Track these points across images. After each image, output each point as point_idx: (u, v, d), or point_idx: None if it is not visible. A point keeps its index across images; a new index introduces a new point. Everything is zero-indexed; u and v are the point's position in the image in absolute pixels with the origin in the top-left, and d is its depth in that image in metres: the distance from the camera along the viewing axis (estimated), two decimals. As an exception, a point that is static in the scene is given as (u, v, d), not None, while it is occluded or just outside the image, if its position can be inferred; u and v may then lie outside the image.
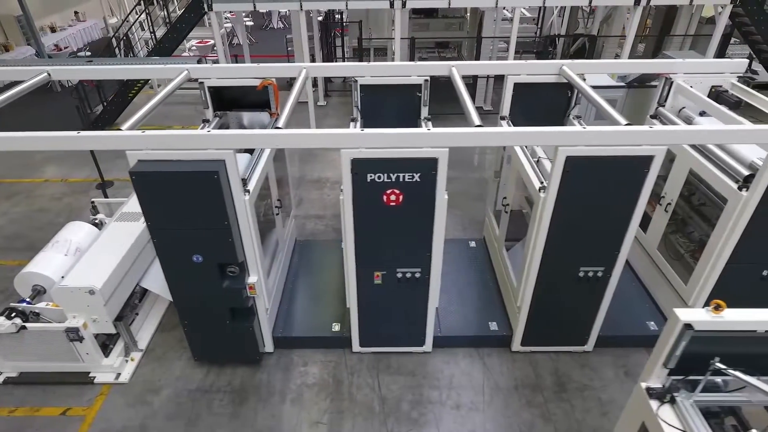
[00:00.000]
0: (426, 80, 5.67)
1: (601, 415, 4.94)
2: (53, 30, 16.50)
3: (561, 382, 5.28)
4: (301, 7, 9.06)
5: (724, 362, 2.55)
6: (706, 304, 5.05)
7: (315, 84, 11.84)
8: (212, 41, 14.68)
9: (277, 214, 5.72)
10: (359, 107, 5.88)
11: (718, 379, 2.73)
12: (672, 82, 5.72)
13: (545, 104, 5.95)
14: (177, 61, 5.72)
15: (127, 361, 5.49)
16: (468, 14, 12.66)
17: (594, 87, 7.49)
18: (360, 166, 4.17)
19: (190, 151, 4.05)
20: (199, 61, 5.89)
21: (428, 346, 5.54)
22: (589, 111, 7.52)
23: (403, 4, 9.05)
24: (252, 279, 4.84)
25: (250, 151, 5.32)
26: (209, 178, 4.04)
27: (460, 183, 9.04)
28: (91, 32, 17.02)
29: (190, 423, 4.89)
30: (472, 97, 9.30)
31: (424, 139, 4.01)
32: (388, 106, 5.90)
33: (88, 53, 14.48)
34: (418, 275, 4.90)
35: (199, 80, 5.64)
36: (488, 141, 4.10)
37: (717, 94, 5.69)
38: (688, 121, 5.72)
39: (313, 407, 5.04)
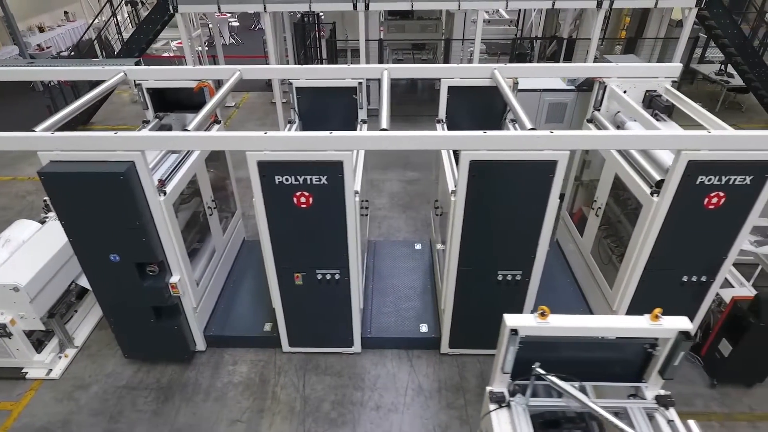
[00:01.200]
0: (360, 83, 5.72)
1: (519, 419, 4.94)
2: (41, 30, 16.71)
3: (485, 385, 5.27)
4: (264, 8, 9.13)
5: (553, 367, 2.57)
6: (629, 309, 5.12)
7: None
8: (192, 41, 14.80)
9: (211, 215, 5.79)
10: (296, 109, 5.95)
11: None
12: (606, 87, 5.71)
13: (483, 107, 5.98)
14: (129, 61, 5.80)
15: (60, 357, 5.58)
16: (443, 16, 12.66)
17: (546, 90, 7.58)
18: (267, 169, 4.22)
19: (101, 152, 4.13)
20: (137, 63, 5.99)
21: (357, 347, 5.58)
22: (541, 114, 7.51)
23: (366, 6, 9.08)
24: (174, 278, 4.91)
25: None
26: (115, 179, 4.11)
27: (420, 185, 9.06)
28: (79, 32, 17.21)
29: (112, 419, 4.97)
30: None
31: (329, 143, 4.05)
32: (328, 108, 5.96)
33: (72, 54, 14.64)
34: (337, 276, 4.95)
35: (136, 82, 5.73)
36: (390, 145, 4.12)
37: (650, 99, 5.68)
38: (621, 125, 5.71)
39: (235, 406, 5.10)
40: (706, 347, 5.32)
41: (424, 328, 5.69)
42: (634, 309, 5.11)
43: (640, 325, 2.49)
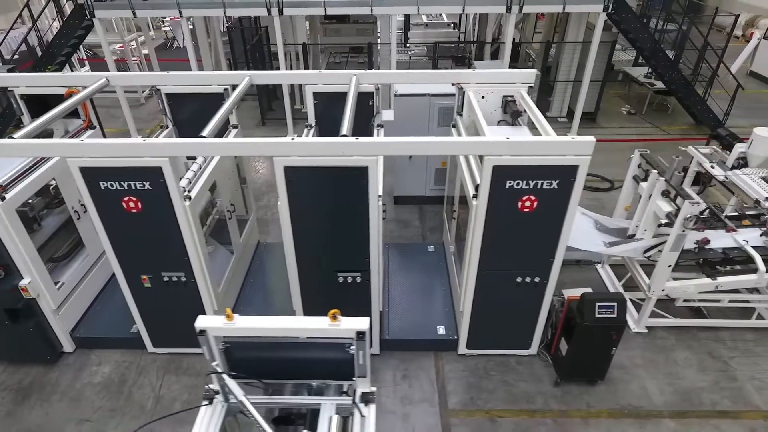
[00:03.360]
0: (225, 89, 5.84)
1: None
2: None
3: (338, 384, 5.42)
4: (180, 14, 9.25)
5: (272, 366, 2.70)
6: (473, 309, 5.26)
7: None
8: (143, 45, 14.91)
9: (79, 218, 5.89)
10: (168, 115, 6.07)
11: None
12: (464, 92, 5.85)
13: (358, 113, 6.08)
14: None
15: (-72, 359, 5.68)
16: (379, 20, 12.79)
17: (435, 95, 7.71)
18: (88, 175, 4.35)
19: None
20: (10, 70, 6.09)
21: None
22: (432, 118, 7.64)
23: (280, 12, 9.20)
24: (24, 281, 5.03)
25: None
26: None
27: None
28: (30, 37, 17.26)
29: (-37, 420, 5.08)
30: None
31: (144, 149, 4.19)
32: (202, 113, 6.06)
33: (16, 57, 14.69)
34: (183, 279, 5.07)
35: (9, 88, 5.84)
36: (204, 151, 4.26)
37: (505, 104, 5.82)
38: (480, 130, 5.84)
39: (88, 406, 5.21)
40: (553, 347, 5.46)
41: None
42: (477, 309, 5.26)
43: (321, 325, 2.62)
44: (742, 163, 6.86)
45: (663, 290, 5.64)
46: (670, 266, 5.46)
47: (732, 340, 5.92)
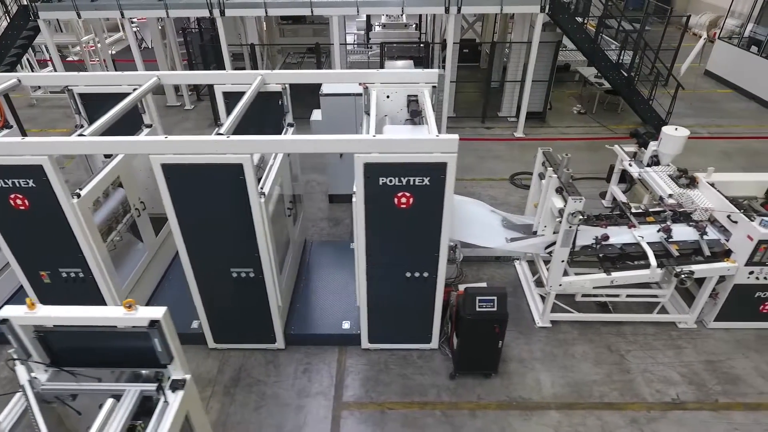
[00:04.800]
0: (135, 89, 5.93)
1: (254, 410, 5.19)
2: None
3: (239, 378, 5.53)
4: (122, 14, 9.35)
5: (90, 354, 2.81)
6: (368, 305, 5.36)
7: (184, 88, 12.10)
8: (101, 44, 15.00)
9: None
10: (83, 114, 6.17)
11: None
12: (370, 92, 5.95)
13: (266, 112, 6.20)
14: None
15: None
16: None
17: (359, 95, 7.80)
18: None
19: None
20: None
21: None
22: (358, 117, 7.74)
23: (222, 13, 9.32)
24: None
25: None
26: None
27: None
28: None
29: None
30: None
31: (23, 147, 4.30)
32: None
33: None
34: (81, 275, 5.18)
35: None
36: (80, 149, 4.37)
37: (408, 103, 5.93)
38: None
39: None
40: (451, 341, 5.58)
41: (195, 324, 5.89)
42: (373, 304, 5.37)
43: (116, 314, 2.73)
44: (656, 160, 7.01)
45: (560, 285, 5.76)
46: (563, 261, 5.58)
47: (633, 334, 6.04)
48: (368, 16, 14.87)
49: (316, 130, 7.81)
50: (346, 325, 5.88)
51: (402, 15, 14.84)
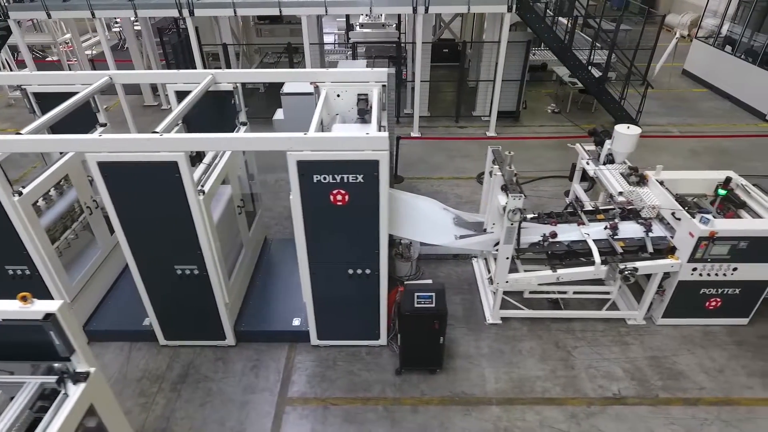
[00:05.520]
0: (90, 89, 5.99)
1: (199, 406, 5.24)
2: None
3: (187, 374, 5.58)
4: (93, 15, 9.40)
5: None
6: (314, 303, 5.40)
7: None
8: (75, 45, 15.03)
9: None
10: (36, 113, 6.21)
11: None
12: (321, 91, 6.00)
13: (221, 110, 6.26)
14: None
15: None
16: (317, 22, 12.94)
17: (306, 93, 7.85)
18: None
19: None
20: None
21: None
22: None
23: (191, 13, 9.37)
24: None
25: None
26: None
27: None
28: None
29: None
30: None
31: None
32: (74, 113, 6.22)
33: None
34: (27, 272, 5.22)
35: None
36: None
37: (358, 101, 5.98)
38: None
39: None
40: (398, 337, 5.63)
41: (146, 322, 5.93)
42: (318, 301, 5.42)
43: (11, 308, 2.77)
44: (611, 159, 7.07)
45: (507, 282, 5.82)
46: (508, 258, 5.64)
47: (582, 330, 6.10)
48: (347, 16, 14.93)
49: (279, 129, 7.87)
50: (296, 321, 5.93)
51: (381, 15, 14.91)
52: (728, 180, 5.92)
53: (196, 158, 6.26)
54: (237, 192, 5.97)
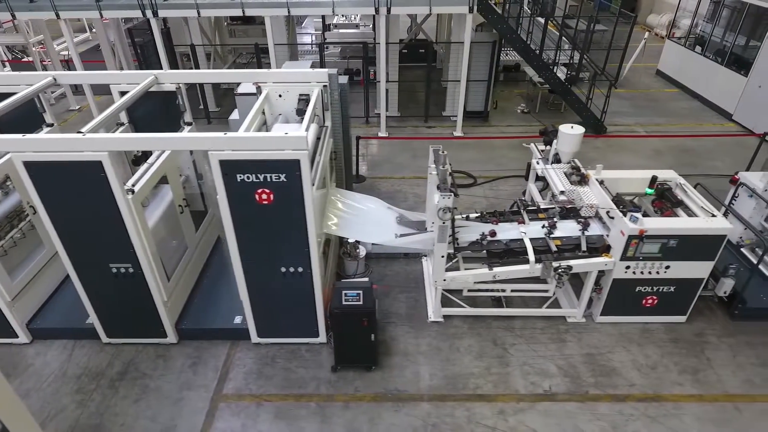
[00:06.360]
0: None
1: (134, 402, 5.30)
2: None
3: (126, 371, 5.64)
4: (57, 16, 9.47)
5: None
6: (252, 302, 5.43)
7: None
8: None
9: None
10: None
11: None
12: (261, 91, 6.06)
13: (166, 110, 6.33)
14: None
15: None
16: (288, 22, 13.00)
17: (252, 94, 7.87)
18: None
19: None
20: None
21: (23, 337, 5.92)
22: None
23: (155, 14, 9.44)
24: None
25: None
26: None
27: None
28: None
29: None
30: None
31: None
32: (21, 113, 6.28)
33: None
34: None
35: None
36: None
37: (298, 101, 6.04)
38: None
39: None
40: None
41: (89, 320, 5.98)
42: (255, 298, 5.49)
43: None
44: (558, 158, 7.14)
45: (444, 280, 5.88)
46: (443, 257, 5.70)
47: (522, 328, 6.17)
48: (323, 17, 14.98)
49: (234, 128, 7.92)
50: (237, 319, 5.99)
51: (356, 16, 14.97)
52: (654, 179, 5.98)
53: (141, 158, 6.38)
54: (178, 191, 6.02)
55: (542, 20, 11.59)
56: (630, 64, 12.48)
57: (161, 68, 11.37)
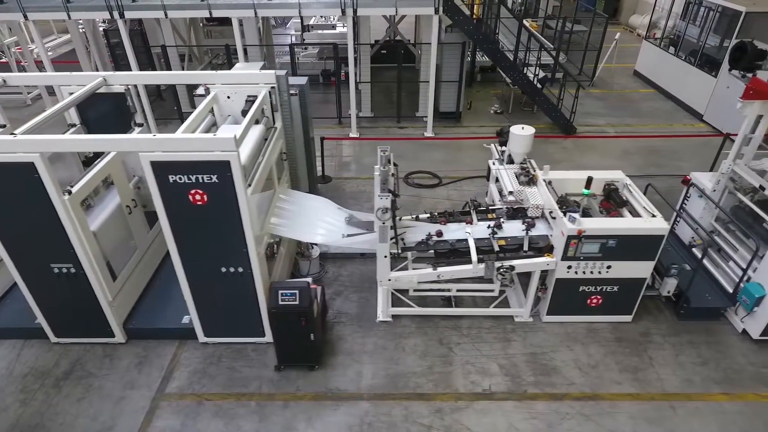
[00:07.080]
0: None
1: (76, 401, 5.34)
2: None
3: (72, 371, 5.68)
4: (25, 17, 9.50)
5: None
6: (196, 302, 5.46)
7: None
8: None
9: None
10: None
11: None
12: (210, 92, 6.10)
13: (119, 112, 6.37)
14: None
15: None
16: (261, 23, 13.05)
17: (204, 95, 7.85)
18: None
19: None
20: None
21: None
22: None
23: (121, 15, 9.48)
24: None
25: None
26: None
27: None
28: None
29: None
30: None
31: None
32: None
33: None
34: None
35: None
36: None
37: (246, 103, 6.08)
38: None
39: None
40: (280, 334, 5.74)
41: (37, 321, 6.02)
42: (198, 298, 5.54)
43: None
44: (511, 158, 7.18)
45: (389, 279, 5.93)
46: (386, 257, 5.75)
47: (469, 327, 6.21)
48: (302, 18, 15.00)
49: (194, 130, 7.96)
50: (185, 319, 6.03)
51: (333, 17, 15.02)
52: (590, 180, 6.02)
53: (93, 159, 6.41)
54: (125, 192, 6.05)
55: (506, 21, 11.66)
56: (602, 65, 12.52)
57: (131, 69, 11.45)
